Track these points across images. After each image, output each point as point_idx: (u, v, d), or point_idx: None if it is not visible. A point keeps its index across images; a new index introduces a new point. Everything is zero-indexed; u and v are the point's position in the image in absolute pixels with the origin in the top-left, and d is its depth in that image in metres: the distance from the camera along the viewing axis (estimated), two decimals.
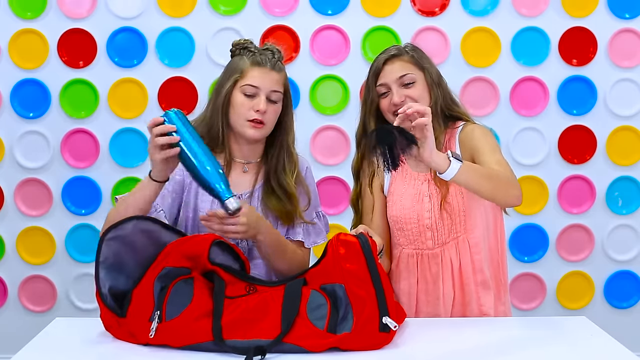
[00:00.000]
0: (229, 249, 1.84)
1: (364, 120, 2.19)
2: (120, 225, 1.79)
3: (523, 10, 3.39)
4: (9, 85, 3.39)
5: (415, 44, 2.23)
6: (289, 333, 1.66)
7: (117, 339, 1.77)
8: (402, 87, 2.10)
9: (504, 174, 1.96)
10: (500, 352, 1.66)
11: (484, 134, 2.12)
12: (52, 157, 3.42)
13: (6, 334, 3.44)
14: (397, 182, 2.18)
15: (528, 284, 3.49)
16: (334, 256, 1.75)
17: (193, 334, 1.68)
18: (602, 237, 3.49)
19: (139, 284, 1.75)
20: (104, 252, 1.77)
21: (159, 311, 1.71)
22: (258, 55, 2.06)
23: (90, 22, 3.38)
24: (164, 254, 1.77)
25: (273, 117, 2.06)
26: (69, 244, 3.45)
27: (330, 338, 1.67)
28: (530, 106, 3.43)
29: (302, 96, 3.40)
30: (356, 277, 1.72)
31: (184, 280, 1.75)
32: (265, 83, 2.03)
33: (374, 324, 1.69)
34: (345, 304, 1.71)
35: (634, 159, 3.47)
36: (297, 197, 2.09)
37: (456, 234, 2.10)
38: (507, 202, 2.01)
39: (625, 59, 3.42)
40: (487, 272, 2.12)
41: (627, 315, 3.52)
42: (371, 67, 2.16)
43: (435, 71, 2.17)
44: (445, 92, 2.17)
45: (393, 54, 2.13)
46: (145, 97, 3.39)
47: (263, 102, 2.01)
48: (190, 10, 3.38)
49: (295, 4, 3.38)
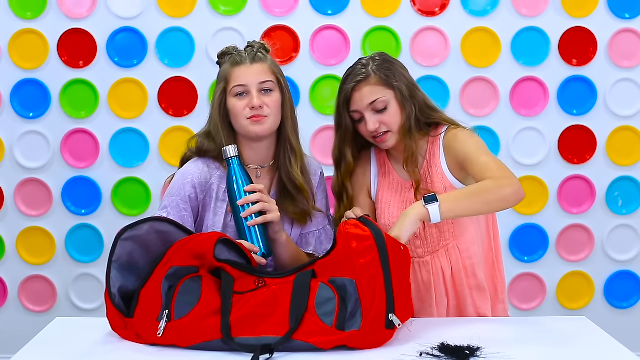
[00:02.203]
0: (234, 247, 1.84)
1: (340, 146, 2.13)
2: (137, 225, 1.81)
3: (523, 10, 3.38)
4: (9, 85, 3.39)
5: (382, 53, 2.13)
6: (297, 330, 1.66)
7: (124, 339, 1.76)
8: (375, 113, 2.03)
9: (490, 183, 1.90)
10: (500, 352, 1.66)
11: (467, 136, 2.07)
12: (52, 157, 3.42)
13: (6, 334, 3.44)
14: (384, 189, 2.15)
15: (528, 284, 3.49)
16: (345, 249, 1.74)
17: (202, 332, 1.68)
18: (602, 237, 3.49)
19: (146, 284, 1.75)
20: (117, 252, 1.78)
21: (168, 310, 1.71)
22: (236, 56, 2.05)
23: (90, 22, 3.38)
24: (170, 253, 1.77)
25: (273, 106, 2.02)
26: (69, 244, 3.45)
27: (338, 335, 1.67)
28: (530, 106, 3.43)
29: (302, 96, 3.40)
30: (368, 272, 1.71)
31: (192, 278, 1.75)
32: (249, 78, 2.01)
33: (380, 321, 1.69)
34: (355, 300, 1.70)
35: (634, 159, 3.47)
36: (306, 189, 2.08)
37: (446, 241, 2.08)
38: (507, 206, 1.93)
39: (625, 59, 3.41)
40: (481, 275, 2.10)
41: (627, 315, 3.52)
42: (340, 92, 2.08)
43: (407, 83, 2.08)
44: (420, 101, 2.09)
45: (360, 80, 2.04)
46: (145, 97, 3.39)
47: (255, 97, 2.00)
48: (190, 10, 3.38)
49: (295, 4, 3.38)
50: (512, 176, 1.93)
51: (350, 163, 2.13)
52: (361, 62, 2.09)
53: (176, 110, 3.41)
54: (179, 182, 2.06)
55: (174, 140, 3.37)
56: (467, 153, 2.01)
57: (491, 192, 1.89)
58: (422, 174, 2.09)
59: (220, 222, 2.04)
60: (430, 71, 3.39)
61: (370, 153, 2.20)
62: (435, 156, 2.08)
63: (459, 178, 2.06)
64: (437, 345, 1.68)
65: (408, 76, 2.11)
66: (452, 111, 3.34)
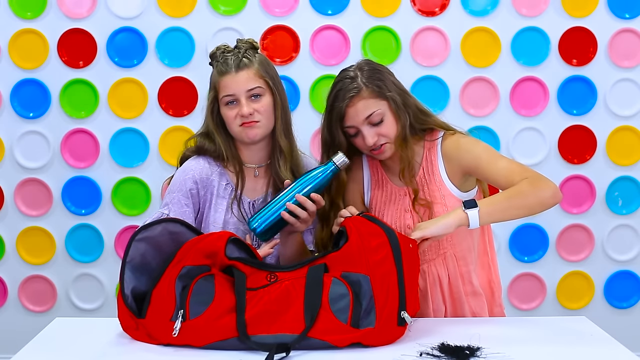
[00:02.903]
0: (244, 246, 1.86)
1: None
2: (151, 226, 1.82)
3: (523, 10, 3.38)
4: (9, 85, 3.39)
5: (368, 61, 2.06)
6: (313, 327, 1.67)
7: (135, 340, 1.76)
8: (372, 127, 1.99)
9: (526, 187, 1.88)
10: (500, 352, 1.66)
11: (472, 144, 2.04)
12: (52, 157, 3.42)
13: (6, 334, 3.44)
14: (377, 197, 2.12)
15: (528, 284, 3.49)
16: (358, 245, 1.76)
17: (217, 331, 1.69)
18: (602, 237, 3.49)
19: (158, 284, 1.76)
20: (131, 253, 1.79)
21: (183, 310, 1.72)
22: (221, 64, 2.04)
23: (90, 22, 3.38)
24: (181, 253, 1.78)
25: (264, 111, 2.03)
26: (69, 244, 3.45)
27: (353, 333, 1.68)
28: (530, 106, 3.43)
29: (302, 96, 3.40)
30: (382, 269, 1.73)
31: (205, 277, 1.76)
32: (236, 87, 2.02)
33: (393, 318, 1.71)
34: (370, 297, 1.72)
35: (634, 159, 3.46)
36: None
37: (443, 249, 2.06)
38: (545, 208, 1.91)
39: (625, 59, 3.41)
40: (477, 281, 2.10)
41: (627, 315, 3.52)
42: (331, 110, 2.02)
43: (398, 91, 2.02)
44: (413, 108, 2.05)
45: (352, 95, 1.97)
46: (145, 97, 3.39)
47: (244, 106, 2.01)
48: (190, 10, 3.38)
49: (295, 4, 3.38)
50: (545, 177, 1.92)
51: (343, 181, 2.07)
52: (348, 74, 2.02)
53: (176, 110, 3.41)
54: (180, 178, 2.08)
55: (174, 140, 3.37)
56: (479, 162, 1.99)
57: (529, 196, 1.88)
58: (419, 181, 2.06)
59: (220, 219, 2.06)
60: (430, 71, 3.39)
61: (362, 160, 2.15)
62: (432, 162, 2.06)
63: (458, 185, 2.05)
64: (437, 345, 1.68)
65: (397, 82, 2.06)
66: (452, 111, 3.38)
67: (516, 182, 1.90)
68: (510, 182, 1.92)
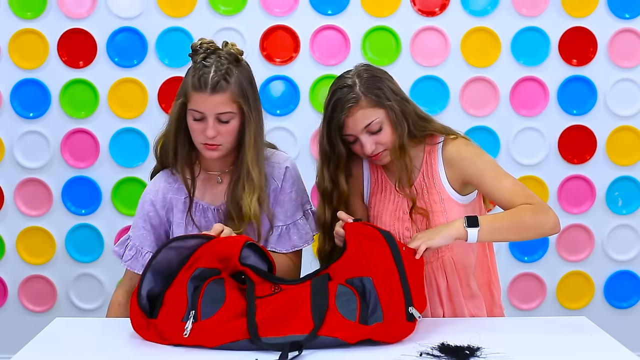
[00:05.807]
0: (259, 250, 1.88)
1: (333, 175, 2.05)
2: (187, 239, 1.84)
3: (523, 10, 3.38)
4: (9, 85, 3.39)
5: (366, 67, 2.04)
6: (322, 326, 1.68)
7: (146, 340, 1.77)
8: (370, 135, 1.97)
9: (529, 215, 1.91)
10: (500, 352, 1.66)
11: (476, 156, 2.02)
12: (52, 157, 3.42)
13: (6, 334, 3.44)
14: (377, 197, 2.12)
15: (528, 284, 3.49)
16: (357, 250, 1.79)
17: (228, 333, 1.69)
18: (602, 237, 3.49)
19: (171, 286, 1.78)
20: (159, 257, 1.81)
21: (194, 311, 1.73)
22: (197, 76, 1.94)
23: (90, 22, 3.37)
24: (196, 255, 1.80)
25: (228, 135, 1.98)
26: (69, 244, 3.44)
27: (363, 329, 1.70)
28: (530, 106, 3.43)
29: (302, 96, 3.40)
30: (383, 268, 1.75)
31: (215, 280, 1.78)
32: (207, 108, 1.95)
33: (401, 314, 1.73)
34: (374, 296, 1.74)
35: (634, 159, 3.46)
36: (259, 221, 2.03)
37: (441, 253, 2.06)
38: (541, 237, 2.00)
39: (625, 59, 3.41)
40: (475, 285, 2.10)
41: (627, 315, 3.52)
42: (330, 120, 2.00)
43: (397, 99, 2.00)
44: (412, 115, 2.02)
45: (351, 105, 1.95)
46: (145, 97, 3.39)
47: (210, 128, 1.95)
48: (190, 10, 3.37)
49: (295, 4, 3.38)
50: (547, 207, 1.95)
51: (345, 191, 2.06)
52: (345, 82, 1.99)
53: None
54: (140, 201, 2.13)
55: None
56: (482, 178, 1.99)
57: (531, 226, 1.92)
58: (418, 185, 2.06)
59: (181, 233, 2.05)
60: (430, 71, 3.39)
61: (363, 159, 2.14)
62: (432, 166, 2.05)
63: (458, 189, 2.04)
64: (437, 345, 1.68)
65: (396, 89, 2.03)
66: (452, 111, 3.38)
67: (515, 204, 1.93)
68: (511, 205, 1.94)
